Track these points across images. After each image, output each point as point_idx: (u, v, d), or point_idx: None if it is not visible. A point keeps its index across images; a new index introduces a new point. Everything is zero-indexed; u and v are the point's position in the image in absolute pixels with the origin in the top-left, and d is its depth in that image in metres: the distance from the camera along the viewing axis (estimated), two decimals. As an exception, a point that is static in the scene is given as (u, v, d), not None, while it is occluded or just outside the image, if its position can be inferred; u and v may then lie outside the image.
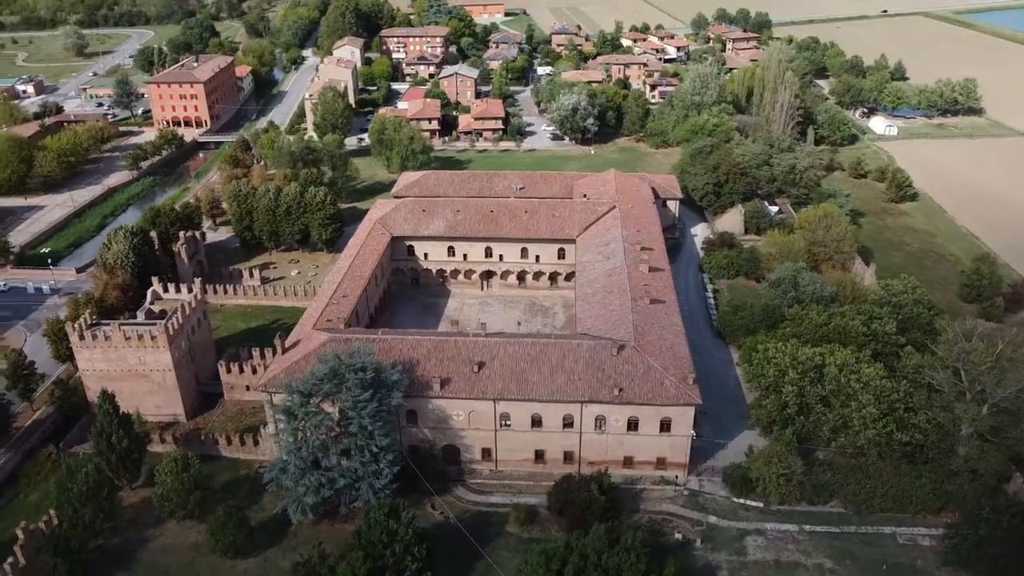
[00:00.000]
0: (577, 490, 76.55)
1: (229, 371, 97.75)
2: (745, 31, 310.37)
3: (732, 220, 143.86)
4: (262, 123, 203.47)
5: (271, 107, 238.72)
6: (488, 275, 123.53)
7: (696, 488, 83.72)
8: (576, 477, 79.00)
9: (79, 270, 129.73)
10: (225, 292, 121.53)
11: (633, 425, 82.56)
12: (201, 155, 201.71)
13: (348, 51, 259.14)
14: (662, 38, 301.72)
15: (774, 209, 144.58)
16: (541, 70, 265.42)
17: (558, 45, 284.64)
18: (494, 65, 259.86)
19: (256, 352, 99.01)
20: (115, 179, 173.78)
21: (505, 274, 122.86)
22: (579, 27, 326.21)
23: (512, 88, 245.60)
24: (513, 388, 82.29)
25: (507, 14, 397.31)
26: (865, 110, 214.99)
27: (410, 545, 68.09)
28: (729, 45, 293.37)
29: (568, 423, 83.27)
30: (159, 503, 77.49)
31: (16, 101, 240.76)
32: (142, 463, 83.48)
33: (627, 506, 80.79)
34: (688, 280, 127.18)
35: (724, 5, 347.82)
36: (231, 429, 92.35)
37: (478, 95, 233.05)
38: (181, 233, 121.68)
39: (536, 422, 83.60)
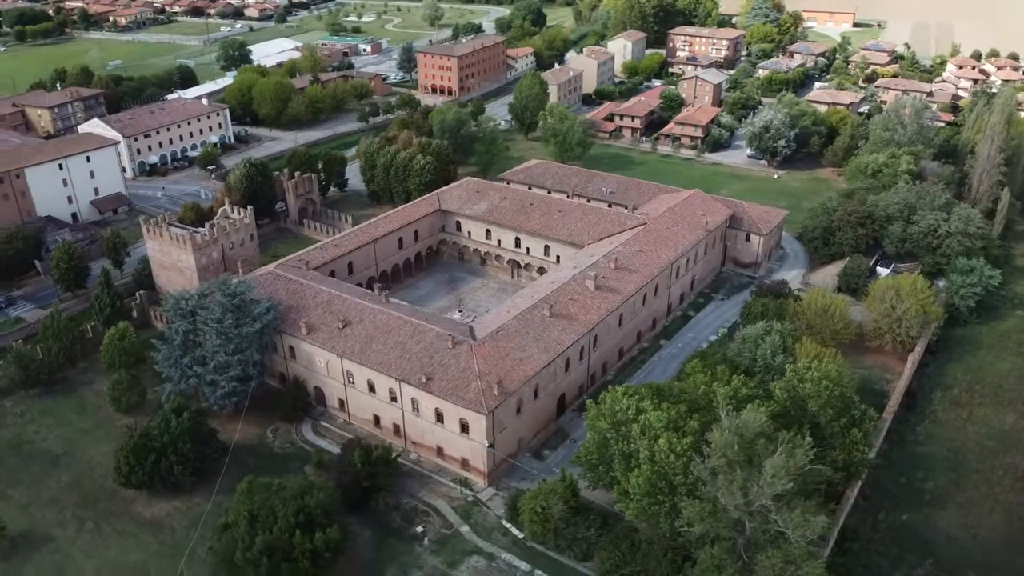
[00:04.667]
0: (349, 453, 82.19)
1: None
2: None
3: (830, 273, 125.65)
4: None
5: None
6: (516, 265, 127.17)
7: (484, 499, 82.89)
8: (359, 442, 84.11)
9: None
10: (318, 229, 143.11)
11: (440, 417, 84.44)
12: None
13: (621, 44, 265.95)
14: (1001, 67, 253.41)
15: (884, 271, 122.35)
16: (818, 85, 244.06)
17: (851, 62, 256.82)
18: (762, 73, 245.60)
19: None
20: (345, 128, 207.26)
21: (528, 267, 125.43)
22: (907, 45, 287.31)
23: (769, 100, 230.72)
24: (356, 349, 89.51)
25: (857, 25, 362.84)
26: None
27: (177, 440, 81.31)
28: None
29: (393, 397, 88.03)
30: (102, 357, 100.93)
31: (354, 57, 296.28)
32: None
33: (407, 488, 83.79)
34: (718, 321, 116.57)
35: None
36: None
37: (720, 103, 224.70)
38: (296, 173, 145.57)
39: (372, 388, 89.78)
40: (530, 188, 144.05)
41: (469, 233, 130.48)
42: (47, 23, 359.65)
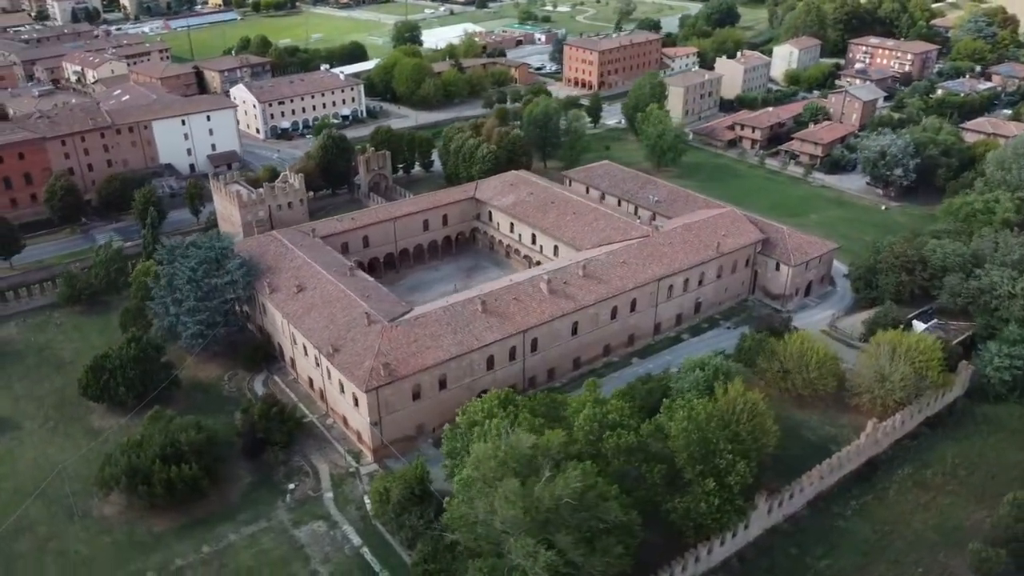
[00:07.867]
0: (255, 405, 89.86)
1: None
2: None
3: (859, 320, 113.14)
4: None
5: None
6: (529, 260, 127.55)
7: (364, 472, 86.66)
8: (270, 397, 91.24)
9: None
10: (380, 203, 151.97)
11: (343, 389, 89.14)
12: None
13: (787, 50, 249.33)
14: None
15: (921, 326, 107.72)
16: (1003, 112, 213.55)
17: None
18: (940, 93, 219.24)
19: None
20: (471, 112, 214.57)
21: (539, 264, 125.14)
22: None
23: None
24: (298, 314, 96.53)
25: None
26: None
27: (124, 366, 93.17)
28: None
29: (317, 363, 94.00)
30: (131, 288, 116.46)
31: (528, 45, 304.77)
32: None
33: (305, 448, 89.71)
34: (708, 349, 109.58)
35: None
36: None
37: (862, 126, 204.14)
38: (371, 148, 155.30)
39: (306, 352, 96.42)
40: (587, 189, 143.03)
41: (498, 224, 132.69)
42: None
